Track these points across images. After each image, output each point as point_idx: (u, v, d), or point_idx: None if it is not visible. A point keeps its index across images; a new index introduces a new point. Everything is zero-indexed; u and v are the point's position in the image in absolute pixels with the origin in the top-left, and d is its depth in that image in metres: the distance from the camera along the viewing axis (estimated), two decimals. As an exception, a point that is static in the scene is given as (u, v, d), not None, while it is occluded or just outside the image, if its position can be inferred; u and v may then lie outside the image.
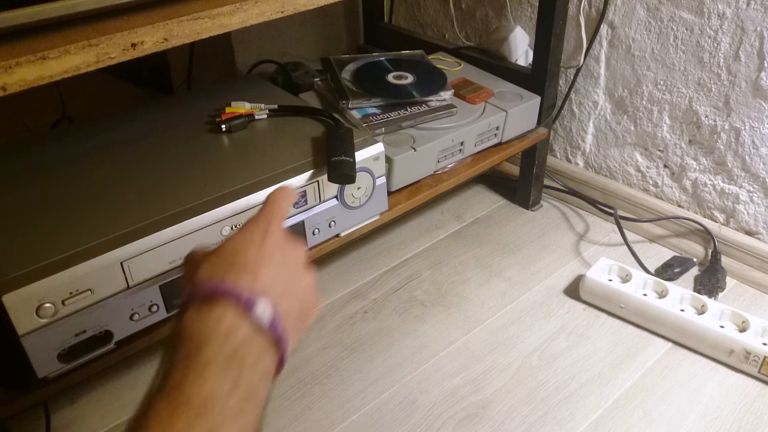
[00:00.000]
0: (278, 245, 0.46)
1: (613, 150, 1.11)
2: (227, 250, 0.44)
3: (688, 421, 0.78)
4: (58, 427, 0.77)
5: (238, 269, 0.42)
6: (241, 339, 0.38)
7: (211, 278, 0.41)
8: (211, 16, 0.58)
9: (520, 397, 0.81)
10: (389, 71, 0.99)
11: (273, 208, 0.50)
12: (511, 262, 1.03)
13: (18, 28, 0.51)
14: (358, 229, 0.84)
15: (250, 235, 0.46)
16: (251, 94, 0.88)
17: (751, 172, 0.95)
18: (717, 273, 0.96)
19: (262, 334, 0.39)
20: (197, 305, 0.39)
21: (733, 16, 0.89)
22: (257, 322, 0.39)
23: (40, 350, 0.62)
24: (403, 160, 0.86)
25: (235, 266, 0.43)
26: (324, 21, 1.32)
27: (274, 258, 0.45)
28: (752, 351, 0.82)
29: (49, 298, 0.60)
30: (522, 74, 1.05)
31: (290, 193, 0.53)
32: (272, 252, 0.45)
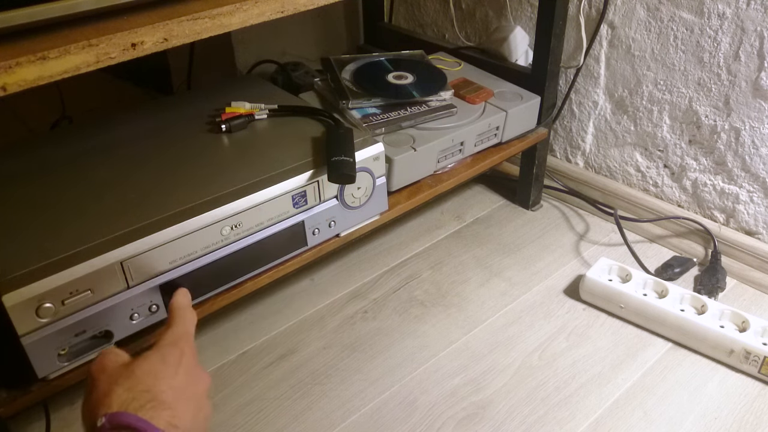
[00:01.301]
0: (190, 376, 0.47)
1: (613, 150, 1.11)
2: (143, 375, 0.45)
3: (688, 421, 0.78)
4: (58, 427, 0.77)
5: (155, 401, 0.43)
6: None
7: (127, 408, 0.42)
8: (211, 16, 0.58)
9: (520, 397, 0.81)
10: (389, 71, 0.99)
11: (183, 325, 0.51)
12: (511, 262, 1.03)
13: (18, 28, 0.51)
14: (358, 229, 0.84)
15: (167, 359, 0.47)
16: (251, 94, 0.88)
17: (751, 172, 0.95)
18: (717, 273, 0.96)
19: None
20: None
21: (733, 16, 0.89)
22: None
23: (40, 350, 0.62)
24: (403, 160, 0.86)
25: (151, 397, 0.43)
26: (324, 21, 1.32)
27: (187, 388, 0.46)
28: (752, 351, 0.82)
29: (49, 298, 0.60)
30: (522, 74, 1.05)
31: (187, 293, 0.56)
32: (186, 382, 0.46)
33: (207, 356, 0.87)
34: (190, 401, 0.46)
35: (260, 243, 0.73)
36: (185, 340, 0.50)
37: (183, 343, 0.49)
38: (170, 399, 0.44)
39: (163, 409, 0.43)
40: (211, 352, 0.87)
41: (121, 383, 0.44)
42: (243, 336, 0.89)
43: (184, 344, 0.49)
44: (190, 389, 0.46)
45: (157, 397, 0.43)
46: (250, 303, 0.94)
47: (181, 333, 0.51)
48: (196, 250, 0.68)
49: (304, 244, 0.78)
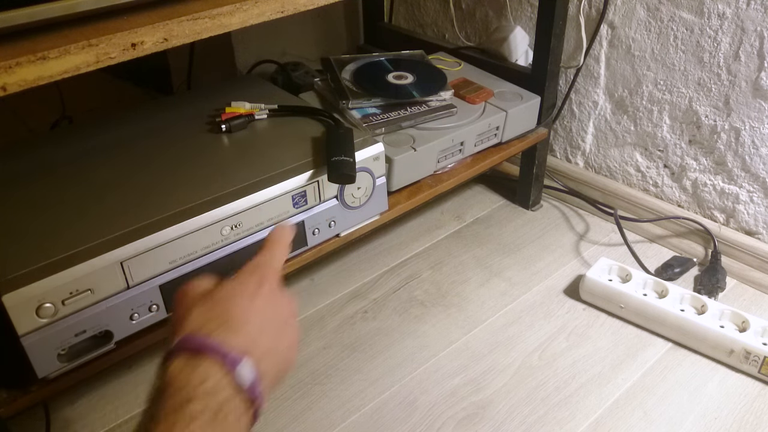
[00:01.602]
0: (269, 300, 0.47)
1: (613, 150, 1.11)
2: (219, 300, 0.45)
3: (688, 421, 0.78)
4: (58, 427, 0.77)
5: (227, 325, 0.43)
6: (224, 398, 0.39)
7: (199, 331, 0.42)
8: (211, 16, 0.58)
9: (520, 397, 0.81)
10: (389, 71, 0.99)
11: (271, 254, 0.51)
12: (511, 262, 1.03)
13: (18, 28, 0.51)
14: (358, 229, 0.84)
15: (244, 287, 0.46)
16: (251, 94, 0.88)
17: (751, 172, 0.95)
18: (717, 273, 0.96)
19: (242, 394, 0.40)
20: (185, 357, 0.41)
21: (733, 16, 0.89)
22: (239, 382, 0.40)
23: (40, 350, 0.62)
24: (403, 160, 0.86)
25: (224, 321, 0.43)
26: (324, 21, 1.32)
27: (264, 314, 0.45)
28: (752, 351, 0.82)
29: (49, 298, 0.60)
30: (522, 74, 1.05)
31: (289, 232, 0.53)
32: (263, 308, 0.46)
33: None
34: (267, 326, 0.45)
35: (260, 243, 0.73)
36: (267, 267, 0.49)
37: (264, 269, 0.49)
38: (244, 323, 0.44)
39: (235, 333, 0.43)
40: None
41: (196, 308, 0.44)
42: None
43: (265, 271, 0.49)
44: (269, 314, 0.46)
45: (230, 320, 0.44)
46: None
47: (264, 262, 0.50)
48: (196, 250, 0.68)
49: (304, 244, 0.78)
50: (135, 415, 0.78)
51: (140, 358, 0.85)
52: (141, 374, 0.84)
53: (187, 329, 0.43)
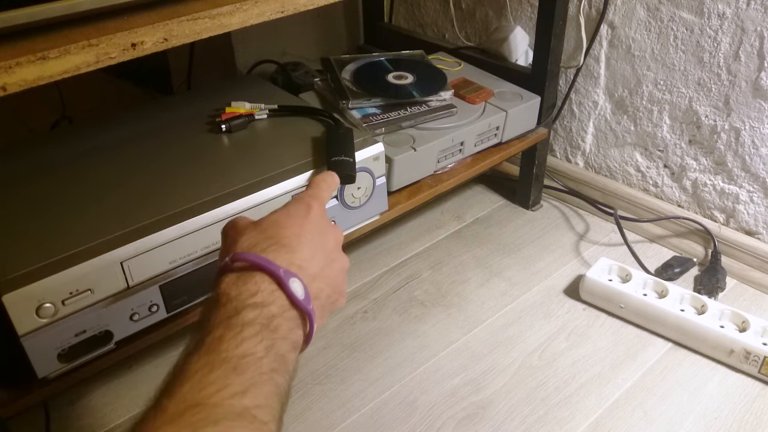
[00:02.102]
0: (318, 226, 0.48)
1: (613, 150, 1.11)
2: (269, 224, 0.46)
3: (688, 421, 0.78)
4: (58, 427, 0.77)
5: (277, 245, 0.44)
6: (275, 310, 0.40)
7: (250, 250, 0.43)
8: (211, 16, 0.58)
9: (520, 397, 0.81)
10: (389, 71, 0.99)
11: (317, 189, 0.52)
12: (511, 262, 1.03)
13: (18, 28, 0.51)
14: (358, 229, 0.84)
15: (292, 212, 0.48)
16: (251, 94, 0.88)
17: (751, 172, 0.95)
18: (717, 273, 0.96)
19: (293, 309, 0.41)
20: (236, 274, 0.41)
21: (733, 16, 0.89)
22: (290, 297, 0.41)
23: (40, 350, 0.62)
24: (403, 160, 0.86)
25: (274, 242, 0.44)
26: (324, 21, 1.32)
27: (312, 238, 0.46)
28: (752, 351, 0.82)
29: (49, 298, 0.60)
30: (522, 74, 1.05)
31: (334, 179, 0.56)
32: (312, 231, 0.47)
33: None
34: (317, 250, 0.46)
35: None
36: (313, 198, 0.51)
37: (310, 200, 0.50)
38: (294, 244, 0.45)
39: (286, 252, 0.44)
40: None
41: (247, 232, 0.46)
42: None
43: (311, 201, 0.50)
44: (317, 239, 0.47)
45: (280, 241, 0.45)
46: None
47: (310, 193, 0.52)
48: (196, 250, 0.68)
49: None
50: (135, 415, 0.78)
51: (140, 358, 0.85)
52: (141, 374, 0.84)
53: (238, 250, 0.43)
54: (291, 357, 0.41)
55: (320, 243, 0.47)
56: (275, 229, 0.46)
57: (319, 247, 0.47)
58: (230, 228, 0.48)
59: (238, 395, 0.35)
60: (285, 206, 0.49)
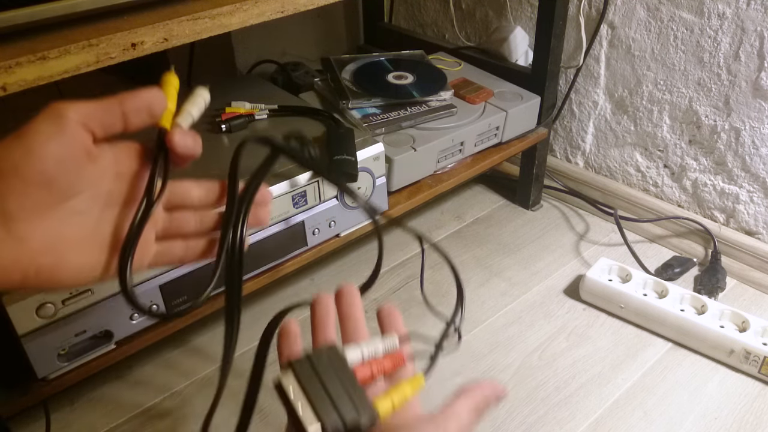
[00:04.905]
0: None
1: (613, 150, 1.11)
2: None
3: (688, 421, 0.78)
4: (58, 427, 0.77)
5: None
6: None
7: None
8: (211, 16, 0.58)
9: (520, 397, 0.81)
10: (389, 71, 0.99)
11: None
12: (511, 262, 1.03)
13: (18, 28, 0.51)
14: (358, 229, 0.84)
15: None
16: (251, 94, 0.88)
17: (751, 172, 0.95)
18: (717, 273, 0.96)
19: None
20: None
21: (733, 16, 0.89)
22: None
23: (40, 350, 0.62)
24: (403, 160, 0.86)
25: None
26: (324, 21, 1.32)
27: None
28: (752, 351, 0.82)
29: (49, 298, 0.60)
30: (522, 74, 1.05)
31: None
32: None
33: (207, 357, 0.87)
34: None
35: (260, 243, 0.73)
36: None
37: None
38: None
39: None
40: (212, 352, 0.87)
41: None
42: (243, 336, 0.89)
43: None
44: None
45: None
46: (251, 303, 0.94)
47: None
48: (195, 252, 0.68)
49: (304, 244, 0.78)
50: (135, 415, 0.78)
51: (140, 358, 0.85)
52: (141, 374, 0.83)
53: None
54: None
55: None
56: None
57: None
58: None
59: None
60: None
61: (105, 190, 0.41)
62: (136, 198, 0.43)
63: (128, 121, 0.40)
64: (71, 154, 0.37)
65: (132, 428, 0.77)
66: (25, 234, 0.37)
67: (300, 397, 0.39)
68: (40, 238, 0.37)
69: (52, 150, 0.37)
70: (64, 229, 0.39)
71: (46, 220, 0.38)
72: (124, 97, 0.40)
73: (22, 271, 0.37)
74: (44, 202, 0.37)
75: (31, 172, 0.36)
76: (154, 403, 0.79)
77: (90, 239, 0.40)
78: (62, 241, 0.39)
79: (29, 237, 0.37)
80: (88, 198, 0.40)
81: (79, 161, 0.38)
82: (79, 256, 0.40)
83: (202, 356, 0.86)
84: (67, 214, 0.39)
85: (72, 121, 0.37)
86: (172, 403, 0.80)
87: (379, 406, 0.39)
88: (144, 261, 0.44)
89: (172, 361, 0.86)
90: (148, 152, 0.43)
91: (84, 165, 0.38)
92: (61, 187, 0.38)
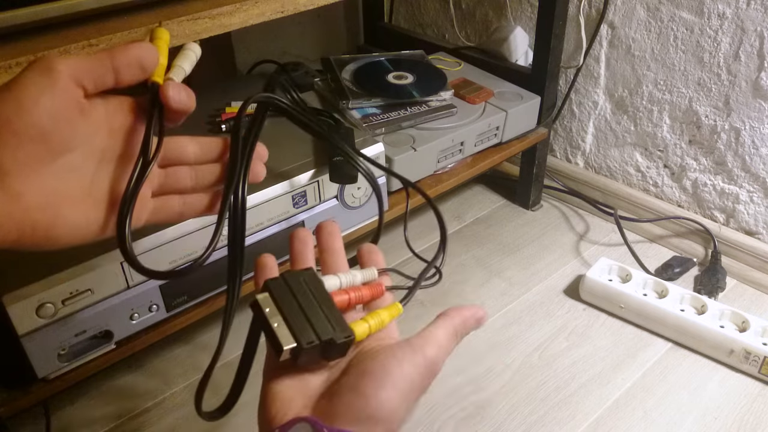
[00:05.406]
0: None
1: (613, 150, 1.11)
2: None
3: (688, 421, 0.78)
4: (58, 427, 0.77)
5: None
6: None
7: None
8: (211, 16, 0.58)
9: (520, 397, 0.81)
10: (389, 71, 0.99)
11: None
12: (511, 262, 1.03)
13: (18, 28, 0.51)
14: (358, 229, 0.84)
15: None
16: (251, 94, 0.88)
17: (751, 172, 0.95)
18: (717, 273, 0.96)
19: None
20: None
21: (733, 16, 0.89)
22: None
23: (40, 350, 0.62)
24: (403, 160, 0.86)
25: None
26: (324, 21, 1.32)
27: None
28: (752, 351, 0.82)
29: (49, 298, 0.60)
30: (522, 74, 1.05)
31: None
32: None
33: (205, 357, 0.86)
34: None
35: (260, 243, 0.73)
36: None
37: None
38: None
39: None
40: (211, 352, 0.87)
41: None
42: (243, 336, 0.89)
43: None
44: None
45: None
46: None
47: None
48: (196, 250, 0.68)
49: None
50: (135, 415, 0.78)
51: (140, 358, 0.85)
52: (141, 374, 0.83)
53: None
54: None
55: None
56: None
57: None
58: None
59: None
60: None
61: (99, 146, 0.40)
62: (131, 154, 0.42)
63: (119, 75, 0.39)
64: (63, 108, 0.37)
65: (132, 428, 0.77)
66: (20, 189, 0.36)
67: (275, 316, 0.39)
68: (35, 194, 0.37)
69: (44, 103, 0.36)
70: (60, 185, 0.38)
71: (41, 176, 0.37)
72: (115, 51, 0.39)
73: (18, 227, 0.36)
74: (38, 156, 0.37)
75: (23, 126, 0.35)
76: (154, 403, 0.79)
77: (86, 196, 0.40)
78: (58, 197, 0.38)
79: (24, 192, 0.36)
80: (82, 154, 0.39)
81: (71, 116, 0.37)
82: (75, 212, 0.39)
83: (205, 354, 0.86)
84: (62, 170, 0.38)
85: (63, 75, 0.37)
86: (173, 403, 0.80)
87: (356, 328, 0.39)
88: (142, 217, 0.44)
89: (173, 361, 0.86)
90: (141, 107, 0.43)
91: (77, 120, 0.38)
92: (55, 142, 0.37)
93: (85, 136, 0.39)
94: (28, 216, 0.37)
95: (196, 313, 0.73)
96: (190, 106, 0.44)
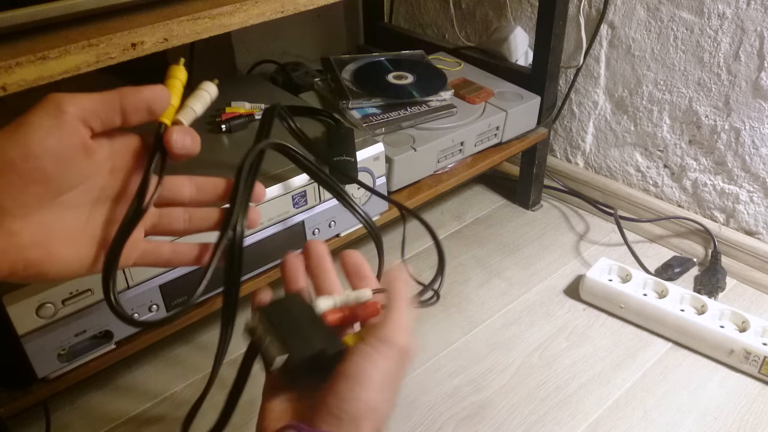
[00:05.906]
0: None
1: (613, 150, 1.11)
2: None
3: (688, 421, 0.78)
4: (58, 427, 0.77)
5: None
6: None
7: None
8: (211, 16, 0.58)
9: (520, 397, 0.81)
10: (389, 71, 0.99)
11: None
12: (511, 262, 1.03)
13: (18, 28, 0.51)
14: (358, 229, 0.84)
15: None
16: (251, 94, 0.88)
17: (751, 172, 0.95)
18: (717, 273, 0.96)
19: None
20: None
21: (733, 16, 0.89)
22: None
23: (40, 350, 0.62)
24: (403, 160, 0.86)
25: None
26: (324, 21, 1.32)
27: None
28: (752, 351, 0.82)
29: (49, 298, 0.60)
30: (522, 74, 1.05)
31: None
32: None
33: (208, 356, 0.86)
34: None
35: (260, 243, 0.73)
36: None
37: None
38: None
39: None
40: (211, 352, 0.87)
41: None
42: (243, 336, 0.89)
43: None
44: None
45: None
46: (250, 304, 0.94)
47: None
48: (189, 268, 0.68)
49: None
50: (135, 415, 0.78)
51: (140, 358, 0.85)
52: (141, 374, 0.83)
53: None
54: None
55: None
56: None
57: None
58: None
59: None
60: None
61: (99, 184, 0.40)
62: (128, 194, 0.42)
63: (127, 117, 0.39)
64: (69, 150, 0.37)
65: (132, 428, 0.77)
66: (17, 228, 0.36)
67: (268, 333, 0.40)
68: (31, 233, 0.37)
69: (51, 146, 0.36)
70: (56, 223, 0.38)
71: (38, 215, 0.37)
72: (126, 92, 0.39)
73: (11, 264, 0.36)
74: (39, 197, 0.37)
75: (28, 169, 0.36)
76: (153, 404, 0.79)
77: (80, 233, 0.40)
78: (53, 234, 0.38)
79: (20, 231, 0.36)
80: (81, 192, 0.39)
81: (76, 157, 0.38)
82: (67, 249, 0.39)
83: (203, 355, 0.86)
84: (59, 208, 0.38)
85: (71, 116, 0.37)
86: (172, 404, 0.80)
87: (348, 340, 0.40)
88: (131, 257, 0.44)
89: (173, 361, 0.86)
90: (146, 147, 0.43)
91: (81, 161, 0.38)
92: (57, 183, 0.37)
93: (87, 175, 0.39)
94: (21, 254, 0.37)
95: (196, 313, 0.73)
96: (193, 150, 0.43)
